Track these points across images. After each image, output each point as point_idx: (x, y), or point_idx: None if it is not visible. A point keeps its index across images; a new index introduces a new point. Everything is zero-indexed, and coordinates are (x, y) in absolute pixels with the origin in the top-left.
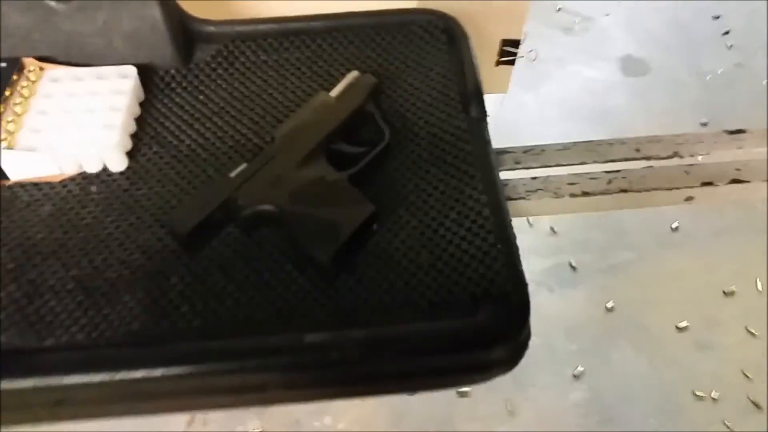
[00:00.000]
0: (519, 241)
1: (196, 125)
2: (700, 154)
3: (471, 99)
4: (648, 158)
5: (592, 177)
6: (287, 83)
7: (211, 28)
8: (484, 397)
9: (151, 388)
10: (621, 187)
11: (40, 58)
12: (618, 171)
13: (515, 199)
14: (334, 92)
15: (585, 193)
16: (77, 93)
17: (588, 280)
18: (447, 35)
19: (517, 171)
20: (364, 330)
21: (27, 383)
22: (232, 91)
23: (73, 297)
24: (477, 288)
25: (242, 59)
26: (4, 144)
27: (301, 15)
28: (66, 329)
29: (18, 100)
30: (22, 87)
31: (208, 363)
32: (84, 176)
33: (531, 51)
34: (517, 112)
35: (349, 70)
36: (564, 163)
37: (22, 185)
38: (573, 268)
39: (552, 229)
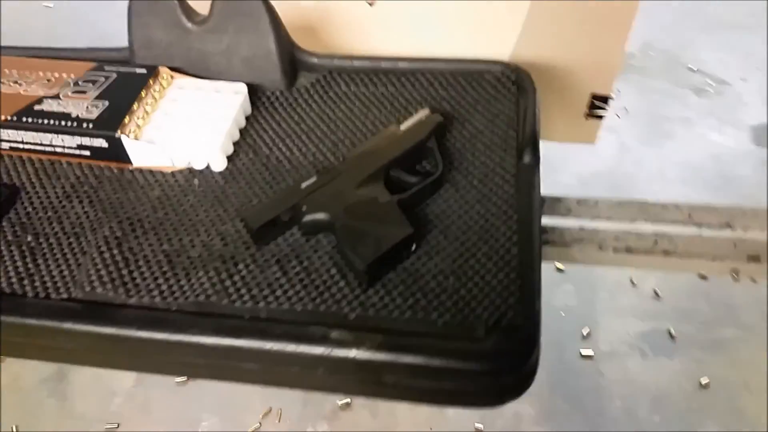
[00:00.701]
0: (619, 301)
1: (287, 140)
2: (753, 229)
3: (526, 146)
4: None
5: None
6: (369, 114)
7: (314, 60)
8: None
9: (202, 350)
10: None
11: (173, 69)
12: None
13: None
14: (404, 125)
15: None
16: (196, 101)
17: (685, 351)
18: (517, 87)
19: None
20: (383, 336)
21: (108, 330)
22: (323, 115)
23: (159, 266)
24: (490, 317)
25: (336, 89)
26: (132, 135)
27: (390, 55)
28: (148, 292)
29: (150, 100)
30: (155, 91)
31: (250, 338)
32: (190, 170)
33: (620, 108)
34: (636, 167)
35: (423, 108)
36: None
37: (141, 170)
38: (671, 336)
39: (656, 292)
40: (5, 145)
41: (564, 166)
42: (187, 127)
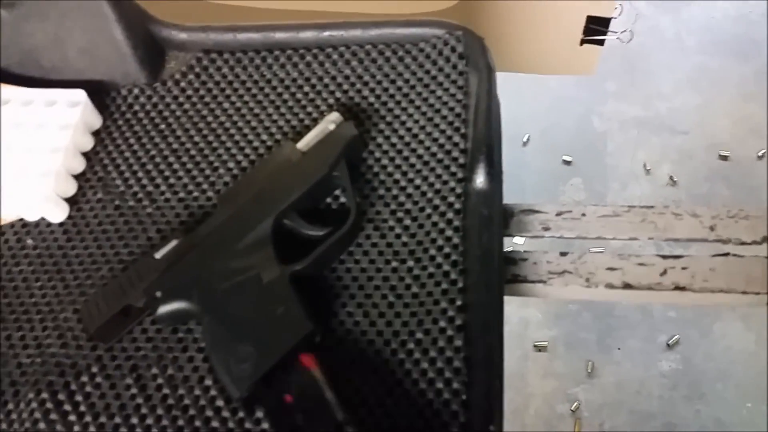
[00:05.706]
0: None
1: (149, 165)
2: None
3: (476, 160)
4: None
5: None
6: (264, 113)
7: (183, 36)
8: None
9: None
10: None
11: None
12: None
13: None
14: (303, 143)
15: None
16: (22, 123)
17: None
18: (465, 61)
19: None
20: None
21: None
22: (199, 120)
23: None
24: None
25: (217, 77)
26: None
27: (288, 23)
28: None
29: None
30: None
31: None
32: (24, 224)
33: (625, 32)
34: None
35: (338, 101)
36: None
37: None
38: None
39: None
40: None
41: None
42: (11, 167)
